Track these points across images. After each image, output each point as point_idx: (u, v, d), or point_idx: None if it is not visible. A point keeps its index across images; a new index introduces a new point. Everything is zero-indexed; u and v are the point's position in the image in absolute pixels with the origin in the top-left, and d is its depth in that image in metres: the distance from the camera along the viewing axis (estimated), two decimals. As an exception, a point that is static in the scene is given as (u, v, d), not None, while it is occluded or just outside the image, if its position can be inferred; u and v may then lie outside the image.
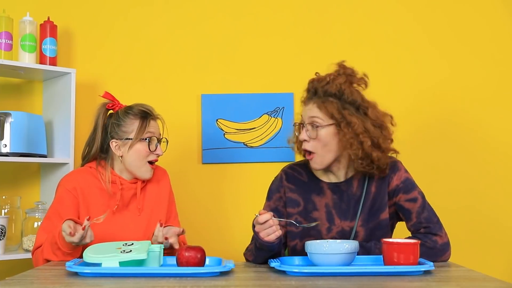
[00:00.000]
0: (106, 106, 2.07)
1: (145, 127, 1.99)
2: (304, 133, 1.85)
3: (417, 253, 1.58)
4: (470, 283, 1.43)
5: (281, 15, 2.86)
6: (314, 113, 1.83)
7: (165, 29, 2.84)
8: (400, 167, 1.94)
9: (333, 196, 1.91)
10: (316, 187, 1.93)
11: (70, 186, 1.96)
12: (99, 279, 1.47)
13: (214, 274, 1.53)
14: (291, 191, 1.95)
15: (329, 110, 1.81)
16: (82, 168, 2.06)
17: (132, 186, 2.03)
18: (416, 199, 1.89)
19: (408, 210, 1.89)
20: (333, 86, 1.83)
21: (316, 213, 1.91)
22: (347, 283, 1.44)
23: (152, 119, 2.03)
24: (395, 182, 1.90)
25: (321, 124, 1.82)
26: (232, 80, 2.82)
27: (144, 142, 1.99)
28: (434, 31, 2.85)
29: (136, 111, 2.02)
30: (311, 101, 1.86)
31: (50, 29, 2.60)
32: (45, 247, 1.82)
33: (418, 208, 1.88)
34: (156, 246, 1.65)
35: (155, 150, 2.01)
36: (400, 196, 1.90)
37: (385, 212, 1.89)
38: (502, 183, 2.79)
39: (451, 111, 2.82)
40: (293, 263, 1.71)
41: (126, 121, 2.00)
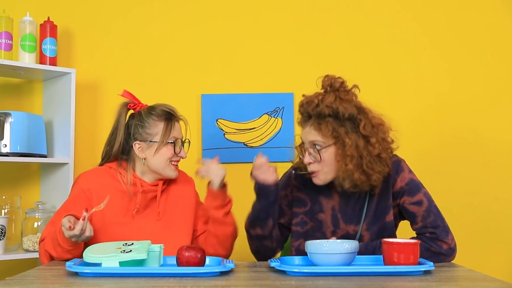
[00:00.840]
0: (128, 106, 2.01)
1: (171, 130, 1.94)
2: (308, 157, 1.84)
3: (417, 253, 1.58)
4: (470, 283, 1.43)
5: (281, 15, 2.86)
6: (313, 137, 1.82)
7: (165, 29, 2.84)
8: (404, 167, 1.90)
9: (340, 200, 1.90)
10: (325, 189, 1.91)
11: (85, 186, 1.92)
12: (99, 279, 1.47)
13: (214, 274, 1.53)
14: (299, 190, 1.95)
15: (325, 132, 1.80)
16: (102, 167, 2.00)
17: (152, 188, 1.98)
18: (421, 202, 1.85)
19: (413, 213, 1.85)
20: (324, 108, 1.80)
21: (322, 215, 1.91)
22: (347, 283, 1.44)
23: (176, 121, 1.99)
24: (399, 184, 1.87)
25: (322, 146, 1.82)
26: (232, 80, 2.82)
27: (170, 145, 1.95)
28: (434, 32, 2.85)
29: (159, 112, 1.96)
30: (307, 124, 1.84)
31: (50, 29, 2.60)
32: (47, 241, 1.80)
33: (423, 212, 1.83)
34: (156, 246, 1.65)
35: (179, 153, 1.98)
36: (405, 198, 1.86)
37: (390, 214, 1.87)
38: (502, 183, 2.79)
39: (452, 112, 2.82)
40: (293, 263, 1.71)
41: (150, 123, 1.94)
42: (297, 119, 1.91)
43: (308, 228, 1.90)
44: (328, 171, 1.83)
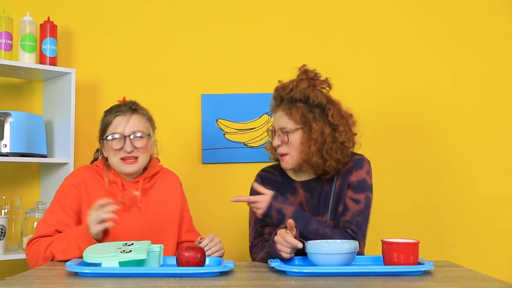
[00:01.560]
0: None
1: (105, 126, 1.97)
2: (276, 139, 1.94)
3: (417, 253, 1.59)
4: (470, 283, 1.43)
5: (281, 15, 2.85)
6: (283, 120, 1.94)
7: (165, 29, 2.84)
8: (364, 166, 1.98)
9: (305, 194, 1.98)
10: (290, 187, 2.01)
11: (75, 181, 1.97)
12: (99, 279, 1.47)
13: (214, 274, 1.53)
14: None
15: (295, 116, 1.91)
16: (88, 165, 2.07)
17: (133, 185, 2.02)
18: (359, 201, 1.93)
19: (347, 206, 1.93)
20: (297, 92, 1.93)
21: None
22: (347, 283, 1.44)
23: (119, 115, 1.96)
24: (352, 178, 1.96)
25: (290, 129, 1.92)
26: (232, 80, 2.82)
27: (108, 142, 1.96)
28: (435, 30, 2.85)
29: (107, 110, 2.02)
30: (279, 109, 1.96)
31: (50, 29, 2.60)
32: (55, 244, 1.80)
33: (356, 210, 1.91)
34: (156, 246, 1.65)
35: (121, 148, 1.95)
36: (348, 191, 1.94)
37: None
38: (503, 183, 2.79)
39: (453, 109, 2.81)
40: (293, 263, 1.71)
41: (101, 121, 2.02)
42: (270, 106, 2.02)
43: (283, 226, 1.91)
44: (295, 154, 1.93)
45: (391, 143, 2.79)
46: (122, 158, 1.95)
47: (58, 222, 1.89)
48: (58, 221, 1.89)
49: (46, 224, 1.89)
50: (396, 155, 2.78)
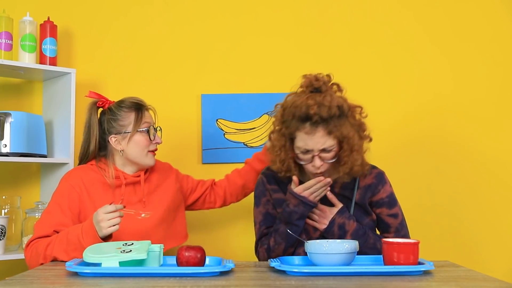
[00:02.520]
0: (97, 104, 2.10)
1: (141, 118, 2.04)
2: (318, 161, 1.85)
3: (417, 253, 1.59)
4: (470, 283, 1.43)
5: (281, 14, 2.85)
6: (326, 141, 1.84)
7: (165, 29, 2.84)
8: (386, 180, 2.01)
9: None
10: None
11: (74, 182, 1.97)
12: (99, 279, 1.47)
13: (214, 274, 1.53)
14: (275, 191, 2.01)
15: (336, 134, 1.84)
16: (84, 165, 2.07)
17: (135, 179, 2.06)
18: (397, 215, 1.98)
19: (388, 224, 1.97)
20: (334, 109, 1.82)
21: None
22: (347, 283, 1.44)
23: (146, 110, 2.08)
24: (381, 194, 1.97)
25: (333, 148, 1.86)
26: (232, 80, 2.82)
27: (143, 133, 2.04)
28: (435, 31, 2.84)
29: (128, 103, 2.06)
30: (317, 130, 1.82)
31: (50, 29, 2.60)
32: (55, 245, 1.80)
33: (398, 224, 1.97)
34: (156, 246, 1.65)
35: (154, 139, 2.07)
36: (383, 209, 1.97)
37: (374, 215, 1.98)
38: (503, 184, 2.78)
39: (453, 109, 2.81)
40: (293, 263, 1.71)
41: (122, 115, 2.04)
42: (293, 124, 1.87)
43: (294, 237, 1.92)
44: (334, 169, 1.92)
45: (390, 143, 2.78)
46: (150, 150, 2.06)
47: (56, 223, 1.89)
48: (56, 222, 1.89)
49: (44, 225, 1.89)
50: (396, 155, 2.78)
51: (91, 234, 1.74)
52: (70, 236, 1.79)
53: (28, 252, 1.87)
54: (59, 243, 1.80)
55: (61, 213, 1.90)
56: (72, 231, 1.80)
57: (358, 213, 1.95)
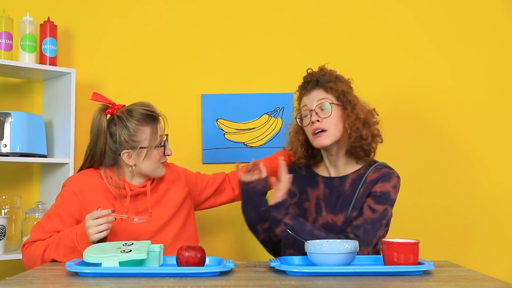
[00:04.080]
0: (106, 112, 1.99)
1: (157, 132, 1.96)
2: (315, 115, 1.95)
3: (417, 253, 1.59)
4: (470, 283, 1.43)
5: (281, 15, 2.85)
6: (322, 95, 1.97)
7: (165, 29, 2.84)
8: (392, 180, 1.97)
9: (325, 190, 2.02)
10: (312, 181, 2.06)
11: (77, 189, 1.93)
12: (99, 279, 1.47)
13: (214, 274, 1.53)
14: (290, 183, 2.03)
15: (334, 92, 1.97)
16: (89, 170, 2.01)
17: (141, 190, 2.00)
18: (376, 211, 1.91)
19: (363, 212, 1.92)
20: (331, 75, 2.01)
21: (307, 203, 2.04)
22: (347, 283, 1.44)
23: (158, 122, 2.00)
24: (377, 188, 1.96)
25: (330, 103, 1.96)
26: (232, 80, 2.82)
27: (159, 148, 1.98)
28: (434, 30, 2.84)
29: (140, 115, 1.95)
30: (314, 89, 2.00)
31: (50, 29, 2.60)
32: (53, 250, 1.79)
33: (370, 219, 1.90)
34: (156, 246, 1.65)
35: (165, 151, 2.02)
36: (369, 199, 1.94)
37: None
38: (503, 183, 2.79)
39: (453, 108, 2.81)
40: (293, 263, 1.71)
41: (136, 130, 1.93)
42: (297, 93, 2.08)
43: None
44: (336, 130, 1.96)
45: (390, 142, 2.78)
46: (162, 162, 2.01)
47: (54, 229, 1.86)
48: (54, 228, 1.87)
49: (42, 228, 1.87)
50: (395, 155, 2.77)
51: (84, 239, 1.73)
52: (66, 241, 1.77)
53: (25, 254, 1.86)
54: (55, 247, 1.78)
55: (60, 219, 1.88)
56: (67, 236, 1.78)
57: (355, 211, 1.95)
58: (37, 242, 1.84)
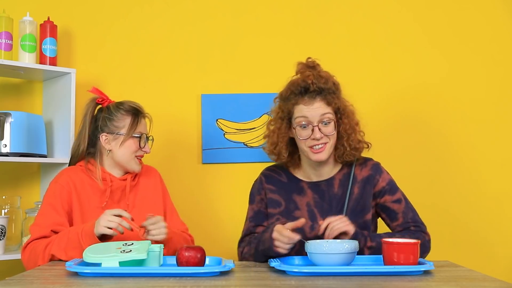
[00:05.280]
0: (96, 101, 2.09)
1: (137, 124, 2.04)
2: (318, 133, 1.88)
3: (417, 253, 1.59)
4: (470, 283, 1.43)
5: (281, 15, 2.85)
6: (324, 110, 1.89)
7: (165, 29, 2.84)
8: (383, 169, 2.00)
9: (314, 195, 1.96)
10: (297, 187, 1.98)
11: (64, 181, 1.97)
12: (99, 279, 1.47)
13: (214, 274, 1.53)
14: (272, 192, 1.99)
15: (334, 105, 1.91)
16: (72, 166, 2.07)
17: (122, 183, 2.05)
18: (400, 200, 1.96)
19: (394, 211, 1.95)
20: (330, 82, 1.92)
21: (298, 212, 1.95)
22: (347, 283, 1.44)
23: (142, 117, 2.08)
24: (381, 184, 1.95)
25: (332, 119, 1.91)
26: (232, 80, 2.82)
27: (135, 139, 2.04)
28: (434, 31, 2.85)
29: (127, 107, 2.05)
30: (315, 100, 1.90)
31: (50, 29, 2.60)
32: (54, 243, 1.79)
33: (403, 208, 1.95)
34: (156, 246, 1.65)
35: (144, 147, 2.06)
36: (386, 197, 1.95)
37: (369, 213, 1.93)
38: (503, 183, 2.79)
39: (451, 109, 2.81)
40: (293, 263, 1.71)
41: (118, 116, 2.03)
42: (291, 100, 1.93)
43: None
44: (333, 144, 1.93)
45: (390, 143, 2.79)
46: (137, 155, 2.05)
47: (52, 223, 1.87)
48: (52, 222, 1.88)
49: (39, 227, 1.87)
50: (395, 155, 2.78)
51: (90, 235, 1.74)
52: (71, 234, 1.79)
53: (26, 254, 1.86)
54: (58, 241, 1.79)
55: (55, 212, 1.89)
56: (73, 230, 1.80)
57: (354, 211, 1.91)
58: (39, 240, 1.84)
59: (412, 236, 1.85)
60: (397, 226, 1.94)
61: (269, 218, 1.97)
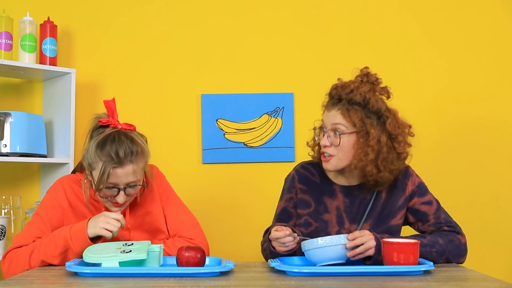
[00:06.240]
0: (99, 122, 1.82)
1: (108, 176, 1.71)
2: (326, 139, 1.84)
3: (417, 253, 1.58)
4: (470, 283, 1.44)
5: (281, 14, 2.86)
6: (338, 120, 1.82)
7: (165, 29, 2.84)
8: (412, 173, 1.94)
9: (345, 200, 1.91)
10: (329, 189, 1.93)
11: (59, 196, 1.84)
12: (99, 279, 1.47)
13: (214, 274, 1.53)
14: (303, 192, 1.95)
15: (353, 119, 1.81)
16: (73, 176, 1.91)
17: None
18: (431, 202, 1.91)
19: (425, 212, 1.89)
20: (358, 95, 1.81)
21: (327, 215, 1.91)
22: (347, 283, 1.44)
23: (120, 168, 1.72)
24: (411, 187, 1.90)
25: (344, 131, 1.82)
26: (232, 80, 2.82)
27: (105, 189, 1.75)
28: (434, 31, 2.85)
29: (107, 152, 1.72)
30: (335, 108, 1.84)
31: (50, 29, 2.60)
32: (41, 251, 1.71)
33: (435, 210, 1.89)
34: (156, 246, 1.65)
35: (115, 198, 1.77)
36: (415, 200, 1.90)
37: (396, 218, 1.88)
38: (501, 182, 2.79)
39: (451, 110, 2.81)
40: (293, 263, 1.71)
41: (94, 157, 1.74)
42: (323, 102, 1.90)
43: (313, 229, 1.88)
44: (343, 157, 1.83)
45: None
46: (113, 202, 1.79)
47: (37, 234, 1.78)
48: (37, 233, 1.79)
49: (24, 236, 1.79)
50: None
51: (81, 237, 1.67)
52: (58, 240, 1.70)
53: (6, 262, 1.74)
54: (45, 248, 1.71)
55: (43, 224, 1.80)
56: (58, 235, 1.71)
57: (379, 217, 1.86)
58: (21, 248, 1.75)
59: (444, 238, 1.79)
60: (428, 227, 1.88)
61: (297, 219, 1.94)
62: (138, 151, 1.76)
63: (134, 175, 1.75)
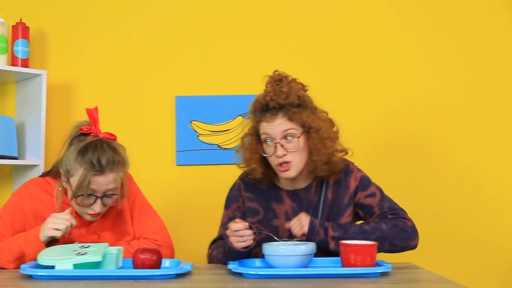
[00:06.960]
0: (80, 130, 1.79)
1: (88, 183, 1.70)
2: (280, 149, 1.81)
3: (375, 255, 1.58)
4: (422, 284, 1.44)
5: (256, 17, 2.85)
6: (287, 126, 1.81)
7: (138, 30, 2.83)
8: (353, 168, 1.95)
9: (292, 204, 1.91)
10: (276, 195, 1.93)
11: (24, 203, 1.82)
12: (53, 282, 1.47)
13: (170, 276, 1.52)
14: (250, 200, 1.95)
15: (298, 120, 1.81)
16: (41, 181, 1.89)
17: None
18: (374, 193, 1.90)
19: (370, 205, 1.89)
20: (294, 97, 1.82)
21: (277, 220, 1.90)
22: (301, 285, 1.43)
23: (99, 176, 1.72)
24: (353, 183, 1.91)
25: (296, 134, 1.82)
26: (206, 82, 2.81)
27: (82, 197, 1.74)
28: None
29: (87, 159, 1.71)
30: (277, 116, 1.81)
31: (22, 31, 2.59)
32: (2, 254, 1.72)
33: (378, 201, 1.89)
34: (114, 248, 1.64)
35: (92, 205, 1.76)
36: (360, 194, 1.90)
37: (345, 216, 1.89)
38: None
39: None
40: (252, 265, 1.71)
41: (74, 163, 1.73)
42: (256, 117, 1.86)
43: (264, 236, 1.83)
44: (301, 159, 1.83)
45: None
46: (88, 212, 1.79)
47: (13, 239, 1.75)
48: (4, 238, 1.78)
49: None
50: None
51: (35, 243, 1.67)
52: (13, 246, 1.70)
53: None
54: (1, 253, 1.71)
55: (4, 228, 1.79)
56: (14, 242, 1.71)
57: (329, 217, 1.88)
58: None
59: (388, 223, 1.80)
60: (375, 219, 1.87)
61: None
62: (120, 161, 1.77)
63: (113, 184, 1.76)
